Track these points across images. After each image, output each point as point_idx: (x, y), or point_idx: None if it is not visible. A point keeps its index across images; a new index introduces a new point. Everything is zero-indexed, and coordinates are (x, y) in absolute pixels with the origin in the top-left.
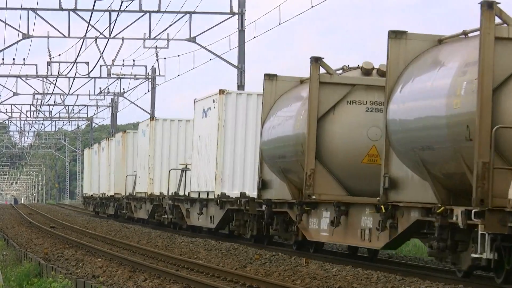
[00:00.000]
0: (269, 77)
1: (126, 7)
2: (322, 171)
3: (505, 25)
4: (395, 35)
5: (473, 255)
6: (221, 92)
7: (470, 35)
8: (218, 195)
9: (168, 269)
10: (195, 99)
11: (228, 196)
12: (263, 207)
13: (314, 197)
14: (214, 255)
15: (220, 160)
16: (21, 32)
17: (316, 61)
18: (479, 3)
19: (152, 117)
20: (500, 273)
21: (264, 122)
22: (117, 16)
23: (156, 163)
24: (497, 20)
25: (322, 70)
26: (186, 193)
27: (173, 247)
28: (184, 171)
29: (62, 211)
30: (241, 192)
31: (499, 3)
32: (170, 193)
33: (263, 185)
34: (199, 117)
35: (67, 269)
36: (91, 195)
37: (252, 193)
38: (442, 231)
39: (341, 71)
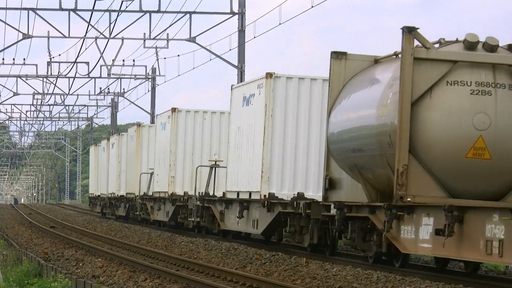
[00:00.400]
0: (337, 55)
1: (126, 7)
2: (417, 168)
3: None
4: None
5: None
6: (269, 75)
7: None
8: (265, 195)
9: (168, 269)
10: (232, 86)
11: (277, 197)
12: (333, 211)
13: (408, 199)
14: (214, 255)
15: (267, 155)
16: (21, 32)
17: (410, 31)
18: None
19: (174, 108)
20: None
21: (331, 110)
22: (117, 16)
23: (178, 159)
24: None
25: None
26: (215, 193)
27: (173, 247)
28: (214, 168)
29: (62, 211)
30: (298, 193)
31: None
32: (198, 193)
33: (330, 184)
34: (238, 106)
35: (67, 269)
36: (98, 195)
37: (309, 193)
38: None
39: (437, 45)
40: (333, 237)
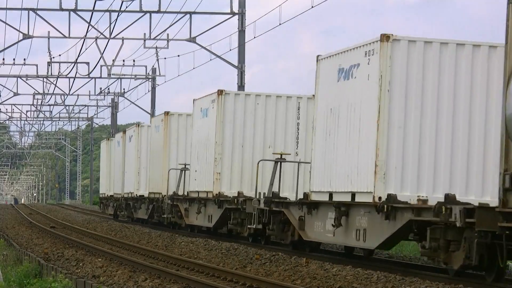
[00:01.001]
0: None
1: (126, 7)
2: None
3: None
4: None
5: None
6: (385, 38)
7: None
8: (380, 197)
9: (169, 269)
10: (318, 56)
11: (402, 200)
12: None
13: None
14: (214, 255)
15: (382, 142)
16: (22, 32)
17: None
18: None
19: (221, 90)
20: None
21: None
22: (117, 16)
23: (225, 152)
24: None
25: None
26: (281, 193)
27: (173, 247)
28: (280, 163)
29: (63, 211)
30: (447, 194)
31: None
32: (260, 193)
33: None
34: (330, 81)
35: (67, 269)
36: (111, 196)
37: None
38: None
39: None
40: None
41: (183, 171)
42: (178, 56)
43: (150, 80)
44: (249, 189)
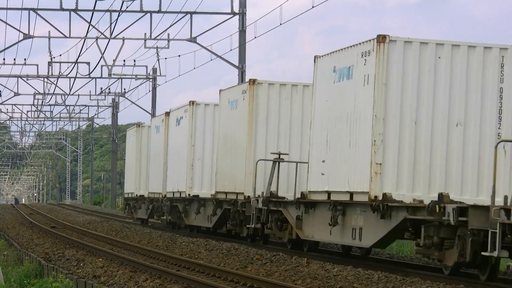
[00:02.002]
0: None
1: (127, 7)
2: None
3: None
4: None
5: None
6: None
7: None
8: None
9: (169, 269)
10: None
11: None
12: None
13: None
14: (215, 255)
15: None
16: (22, 32)
17: None
18: None
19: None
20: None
21: None
22: (118, 16)
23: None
24: None
25: None
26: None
27: (174, 247)
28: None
29: (63, 211)
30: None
31: None
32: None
33: None
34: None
35: (68, 269)
36: (141, 196)
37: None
38: None
39: None
40: None
41: (277, 164)
42: (179, 56)
43: (150, 80)
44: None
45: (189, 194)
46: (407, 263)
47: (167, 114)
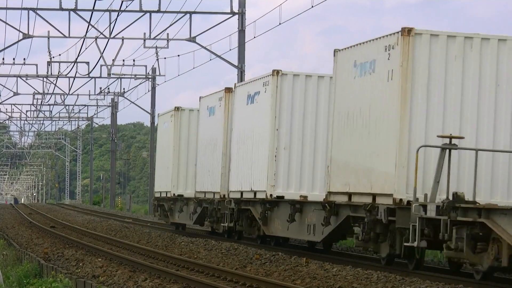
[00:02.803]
0: None
1: (126, 7)
2: None
3: None
4: None
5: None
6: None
7: None
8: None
9: (168, 269)
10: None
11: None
12: None
13: None
14: (214, 255)
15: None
16: (22, 32)
17: None
18: None
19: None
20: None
21: None
22: (117, 16)
23: None
24: None
25: None
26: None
27: (173, 247)
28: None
29: (62, 211)
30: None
31: None
32: None
33: None
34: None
35: (67, 269)
36: (179, 196)
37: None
38: None
39: None
40: None
41: (446, 152)
42: (178, 56)
43: (150, 80)
44: None
45: (270, 195)
46: (406, 263)
47: (229, 90)
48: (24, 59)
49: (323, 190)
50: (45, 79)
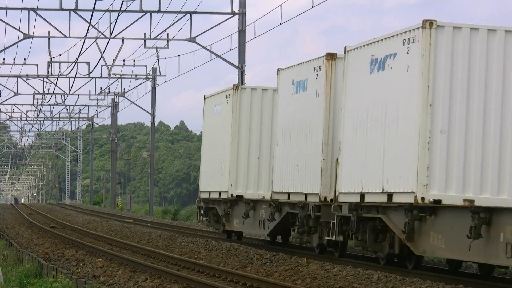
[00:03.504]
0: None
1: (127, 7)
2: None
3: None
4: None
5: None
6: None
7: None
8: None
9: (169, 269)
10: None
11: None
12: None
13: None
14: (214, 255)
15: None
16: (22, 32)
17: None
18: None
19: None
20: None
21: None
22: (118, 16)
23: None
24: None
25: None
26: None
27: (174, 247)
28: None
29: (63, 211)
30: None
31: None
32: None
33: None
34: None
35: (67, 269)
36: (239, 198)
37: None
38: None
39: None
40: None
41: None
42: (179, 56)
43: (150, 80)
44: None
45: (422, 199)
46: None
47: (331, 56)
48: (25, 59)
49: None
50: (45, 79)
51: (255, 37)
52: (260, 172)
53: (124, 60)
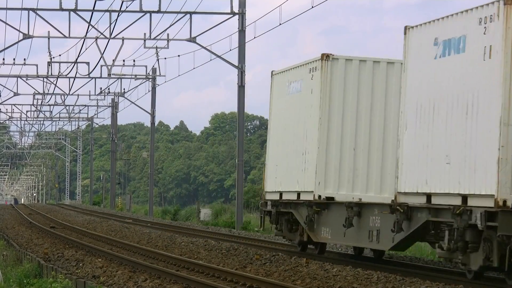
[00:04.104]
0: None
1: (127, 7)
2: None
3: None
4: None
5: None
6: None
7: None
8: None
9: (169, 269)
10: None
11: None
12: None
13: None
14: (214, 255)
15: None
16: (22, 32)
17: None
18: None
19: None
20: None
21: None
22: (118, 16)
23: None
24: None
25: None
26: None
27: (173, 247)
28: None
29: (62, 211)
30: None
31: None
32: None
33: None
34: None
35: (67, 269)
36: (329, 200)
37: None
38: None
39: None
40: None
41: None
42: (178, 56)
43: (150, 80)
44: None
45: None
46: (406, 263)
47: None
48: (24, 59)
49: None
50: (45, 79)
51: (255, 37)
52: (356, 167)
53: (124, 60)
